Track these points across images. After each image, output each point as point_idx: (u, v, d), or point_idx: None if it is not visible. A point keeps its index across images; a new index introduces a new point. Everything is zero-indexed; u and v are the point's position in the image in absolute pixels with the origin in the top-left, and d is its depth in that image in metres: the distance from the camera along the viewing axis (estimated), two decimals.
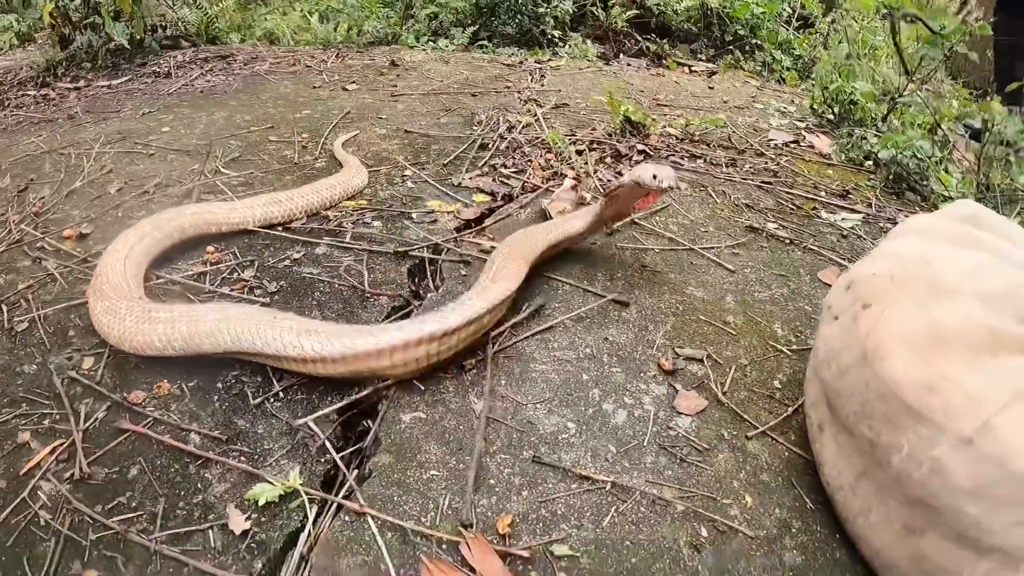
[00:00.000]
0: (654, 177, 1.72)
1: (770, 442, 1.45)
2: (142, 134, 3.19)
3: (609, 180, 2.63)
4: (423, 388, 1.58)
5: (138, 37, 4.89)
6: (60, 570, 1.20)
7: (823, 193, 2.80)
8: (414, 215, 2.39)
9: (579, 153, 2.87)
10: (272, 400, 1.57)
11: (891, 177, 3.08)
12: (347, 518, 1.29)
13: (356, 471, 1.42)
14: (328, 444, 1.46)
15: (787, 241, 2.30)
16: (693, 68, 5.61)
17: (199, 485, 1.36)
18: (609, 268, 2.03)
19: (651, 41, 6.39)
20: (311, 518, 1.29)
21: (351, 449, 1.49)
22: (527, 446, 1.41)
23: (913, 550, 1.13)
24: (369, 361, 1.53)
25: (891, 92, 3.99)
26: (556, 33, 5.80)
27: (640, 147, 2.99)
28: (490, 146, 3.00)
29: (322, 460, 1.43)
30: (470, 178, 2.66)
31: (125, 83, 4.36)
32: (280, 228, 2.31)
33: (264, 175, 2.74)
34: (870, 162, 3.28)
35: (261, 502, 1.31)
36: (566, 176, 2.61)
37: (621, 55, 6.27)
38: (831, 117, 3.90)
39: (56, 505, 1.31)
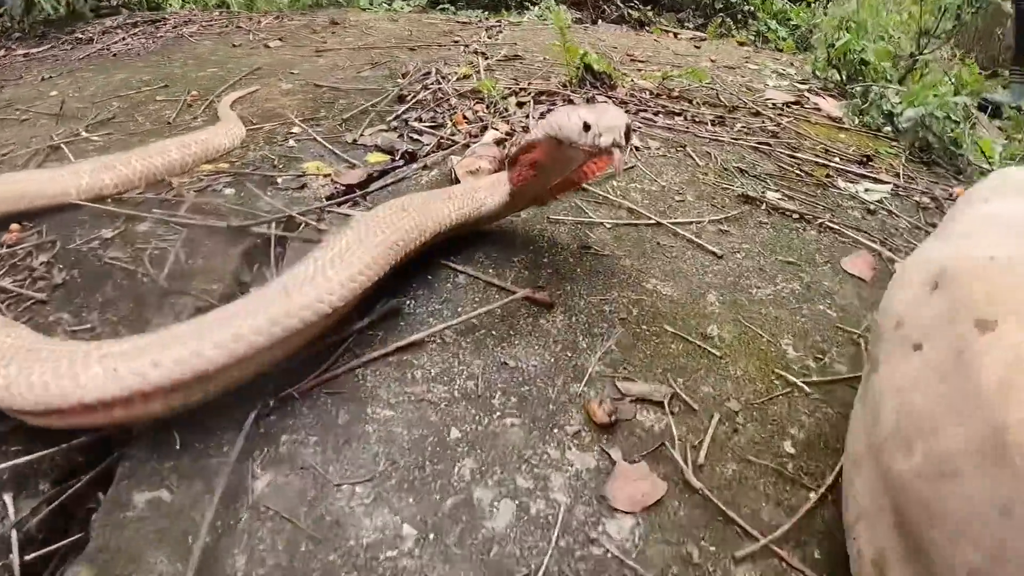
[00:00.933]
0: (586, 128, 0.96)
1: (777, 567, 0.78)
2: (28, 100, 2.68)
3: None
4: (180, 445, 0.91)
5: (73, 7, 4.69)
6: None
7: (837, 159, 2.13)
8: (280, 180, 1.74)
9: (520, 105, 2.19)
10: None
11: (916, 144, 2.43)
12: None
13: None
14: (15, 535, 0.81)
15: (796, 216, 1.63)
16: (679, 35, 4.95)
17: None
18: (532, 250, 1.35)
19: (634, 8, 5.74)
20: None
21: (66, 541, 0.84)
22: (318, 572, 0.74)
23: None
24: (73, 418, 0.87)
25: (904, 56, 3.35)
26: None
27: (602, 99, 2.32)
28: (408, 98, 2.32)
29: None
30: (370, 134, 1.98)
31: (45, 51, 3.98)
32: (110, 200, 1.68)
33: (128, 138, 2.14)
34: (888, 128, 2.63)
35: None
36: (495, 130, 1.93)
37: (600, 21, 5.61)
38: (837, 80, 3.25)
39: None
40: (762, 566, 0.78)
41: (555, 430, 0.91)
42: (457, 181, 1.55)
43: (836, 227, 1.61)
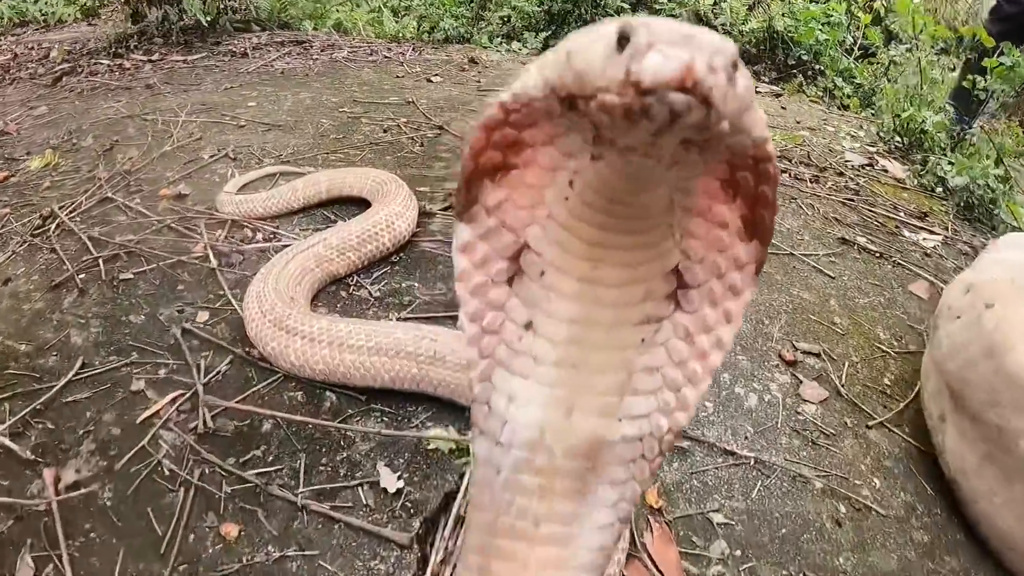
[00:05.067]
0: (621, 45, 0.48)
1: (887, 432, 1.60)
2: (229, 107, 3.29)
3: None
4: None
5: (209, 18, 4.96)
6: None
7: (902, 214, 2.93)
8: None
9: None
10: None
11: (962, 204, 3.21)
12: None
13: None
14: None
15: (877, 255, 2.44)
16: (758, 89, 5.75)
17: None
18: None
19: None
20: None
21: None
22: None
23: None
24: None
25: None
26: None
27: None
28: None
29: None
30: None
31: (200, 59, 4.43)
32: None
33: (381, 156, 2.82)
34: (940, 188, 3.40)
35: None
36: None
37: None
38: (899, 144, 4.02)
39: None
40: (880, 431, 1.59)
41: (765, 363, 1.74)
42: None
43: (903, 264, 2.41)
